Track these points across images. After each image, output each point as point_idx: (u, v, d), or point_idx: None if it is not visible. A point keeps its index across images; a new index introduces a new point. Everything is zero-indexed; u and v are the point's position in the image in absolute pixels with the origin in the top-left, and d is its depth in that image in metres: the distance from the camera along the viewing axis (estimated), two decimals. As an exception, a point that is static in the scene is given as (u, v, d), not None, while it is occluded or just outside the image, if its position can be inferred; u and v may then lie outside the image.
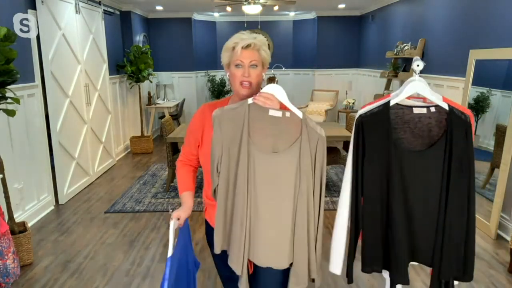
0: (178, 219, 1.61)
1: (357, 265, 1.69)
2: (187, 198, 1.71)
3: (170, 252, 1.52)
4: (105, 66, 5.77)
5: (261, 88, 1.66)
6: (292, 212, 1.44)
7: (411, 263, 1.63)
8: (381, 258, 1.61)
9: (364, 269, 1.64)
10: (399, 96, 1.55)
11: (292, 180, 1.43)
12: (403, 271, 1.55)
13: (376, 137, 1.53)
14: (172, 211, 1.64)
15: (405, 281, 1.57)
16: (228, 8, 6.59)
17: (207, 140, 1.63)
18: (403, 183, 1.53)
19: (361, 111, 1.59)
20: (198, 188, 4.83)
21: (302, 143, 1.42)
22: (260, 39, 1.61)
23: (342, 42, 8.68)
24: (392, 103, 1.54)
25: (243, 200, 1.42)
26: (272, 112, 1.44)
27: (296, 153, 1.42)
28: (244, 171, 1.41)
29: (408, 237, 1.56)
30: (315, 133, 1.44)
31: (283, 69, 8.95)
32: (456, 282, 1.61)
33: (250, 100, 1.47)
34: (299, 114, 1.45)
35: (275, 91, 1.46)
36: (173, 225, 1.59)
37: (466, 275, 1.55)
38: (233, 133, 1.43)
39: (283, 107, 1.50)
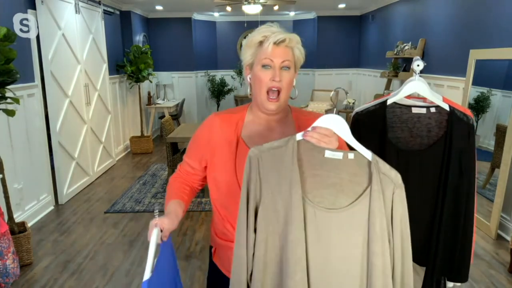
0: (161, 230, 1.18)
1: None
2: (174, 206, 1.28)
3: (147, 275, 1.08)
4: (105, 66, 5.76)
5: (291, 97, 1.29)
6: None
7: None
8: None
9: None
10: (397, 95, 1.55)
11: (359, 247, 1.03)
12: None
13: (371, 135, 1.53)
14: (156, 213, 1.20)
15: None
16: (228, 8, 6.58)
17: (220, 163, 1.30)
18: None
19: (358, 109, 1.59)
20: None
21: (372, 195, 1.02)
22: (294, 35, 1.25)
23: (342, 42, 8.68)
24: (389, 102, 1.54)
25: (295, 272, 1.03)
26: (329, 154, 1.05)
27: (364, 210, 1.03)
28: (299, 236, 1.02)
29: None
30: (389, 181, 1.03)
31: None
32: (451, 284, 1.61)
33: (299, 136, 1.07)
34: (368, 155, 1.05)
35: (334, 124, 1.06)
36: (156, 235, 1.15)
37: (460, 275, 1.55)
38: (278, 183, 1.04)
39: (342, 146, 1.11)
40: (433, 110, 1.53)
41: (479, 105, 3.84)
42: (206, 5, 7.40)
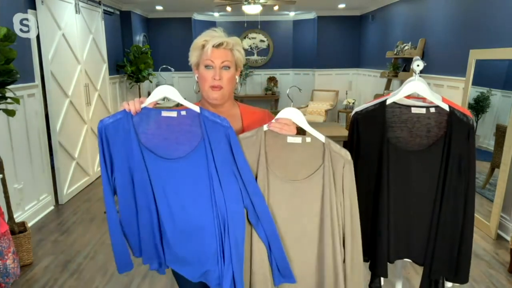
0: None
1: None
2: None
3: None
4: (105, 66, 5.76)
5: (234, 93, 1.53)
6: (317, 247, 1.33)
7: (406, 259, 1.64)
8: (367, 251, 1.63)
9: None
10: (397, 95, 1.55)
11: (316, 212, 1.31)
12: (383, 264, 1.56)
13: (369, 134, 1.54)
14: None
15: (384, 274, 1.58)
16: (228, 8, 6.59)
17: None
18: (397, 181, 1.53)
19: (358, 109, 1.60)
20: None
21: (324, 170, 1.30)
22: (233, 38, 1.47)
23: (342, 42, 8.68)
24: (388, 101, 1.54)
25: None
26: (291, 139, 1.32)
27: (319, 181, 1.30)
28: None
29: (397, 233, 1.57)
30: (339, 158, 1.31)
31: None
32: (450, 284, 1.61)
33: (265, 127, 1.34)
34: (321, 138, 1.32)
35: (292, 115, 1.33)
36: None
37: (459, 276, 1.55)
38: (251, 164, 1.31)
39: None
40: (432, 110, 1.53)
41: (479, 105, 3.84)
42: (206, 5, 7.40)
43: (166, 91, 1.31)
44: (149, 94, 7.13)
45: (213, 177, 1.28)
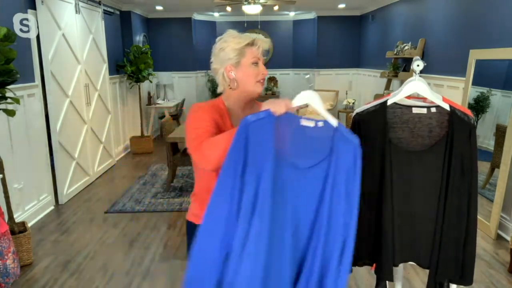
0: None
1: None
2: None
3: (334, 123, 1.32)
4: (105, 66, 5.76)
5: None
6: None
7: (410, 263, 1.63)
8: (371, 253, 1.62)
9: (357, 263, 1.64)
10: (397, 96, 1.55)
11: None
12: (388, 267, 1.55)
13: (371, 135, 1.53)
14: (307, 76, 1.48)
15: (389, 278, 1.57)
16: (228, 8, 6.59)
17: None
18: (399, 182, 1.53)
19: (358, 110, 1.60)
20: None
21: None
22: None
23: (342, 42, 8.68)
24: (389, 102, 1.54)
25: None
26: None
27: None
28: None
29: (401, 235, 1.57)
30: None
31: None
32: (454, 286, 1.60)
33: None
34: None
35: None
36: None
37: (464, 278, 1.54)
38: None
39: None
40: (433, 110, 1.52)
41: (479, 105, 3.84)
42: (206, 5, 7.40)
43: (309, 96, 1.35)
44: (149, 94, 7.05)
45: (326, 192, 1.29)
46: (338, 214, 1.29)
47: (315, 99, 1.35)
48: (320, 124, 1.31)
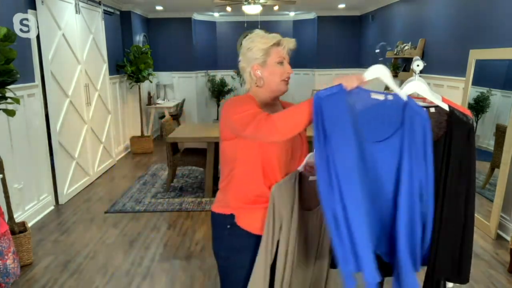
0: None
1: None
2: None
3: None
4: (105, 66, 5.77)
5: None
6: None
7: None
8: None
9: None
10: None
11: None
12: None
13: None
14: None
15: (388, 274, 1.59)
16: (228, 8, 6.59)
17: None
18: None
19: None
20: (198, 188, 4.83)
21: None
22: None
23: (342, 42, 8.68)
24: None
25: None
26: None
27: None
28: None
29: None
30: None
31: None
32: (450, 285, 1.60)
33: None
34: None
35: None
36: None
37: (460, 276, 1.54)
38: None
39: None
40: (432, 110, 1.52)
41: (479, 105, 3.84)
42: (206, 5, 7.40)
43: (380, 70, 1.37)
44: (149, 94, 7.01)
45: (403, 163, 1.31)
46: (417, 182, 1.33)
47: (386, 72, 1.36)
48: (390, 97, 1.33)
